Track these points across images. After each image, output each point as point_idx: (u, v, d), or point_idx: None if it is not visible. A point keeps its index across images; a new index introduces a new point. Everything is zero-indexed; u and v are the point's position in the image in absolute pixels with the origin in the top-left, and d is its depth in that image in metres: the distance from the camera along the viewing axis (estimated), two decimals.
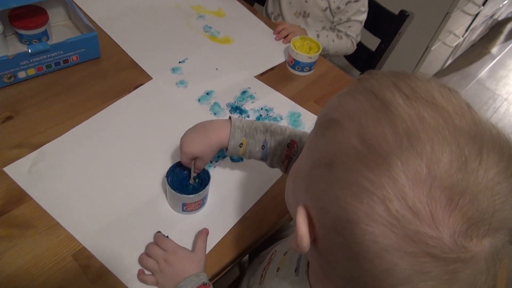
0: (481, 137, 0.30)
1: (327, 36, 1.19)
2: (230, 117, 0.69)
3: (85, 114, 0.85)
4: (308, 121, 0.93)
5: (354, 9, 1.18)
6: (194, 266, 0.63)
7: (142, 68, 0.97)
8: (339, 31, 1.22)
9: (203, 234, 0.68)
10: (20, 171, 0.73)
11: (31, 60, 0.86)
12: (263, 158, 0.71)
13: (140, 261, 0.65)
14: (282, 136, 0.68)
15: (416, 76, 0.34)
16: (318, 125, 0.39)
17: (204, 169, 0.71)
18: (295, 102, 0.97)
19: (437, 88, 0.32)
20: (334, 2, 1.18)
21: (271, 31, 1.17)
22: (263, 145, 0.68)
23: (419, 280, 0.29)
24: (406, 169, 0.29)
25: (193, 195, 0.67)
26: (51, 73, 0.91)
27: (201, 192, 0.68)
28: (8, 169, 0.73)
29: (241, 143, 0.67)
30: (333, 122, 0.35)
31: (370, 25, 1.26)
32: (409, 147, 0.29)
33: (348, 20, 1.20)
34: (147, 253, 0.65)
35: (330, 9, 1.20)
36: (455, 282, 0.29)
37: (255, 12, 1.23)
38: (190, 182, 0.71)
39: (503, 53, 2.74)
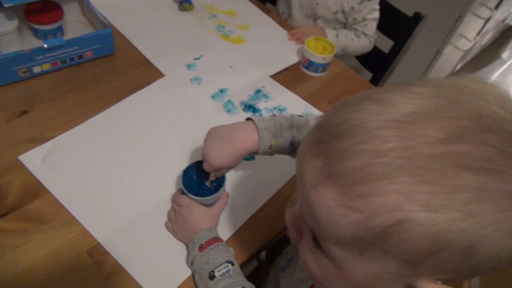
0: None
1: (345, 35, 1.18)
2: (249, 118, 0.66)
3: (99, 110, 0.85)
4: None
5: (368, 7, 1.17)
6: (205, 221, 0.66)
7: (155, 66, 0.97)
8: (356, 30, 1.21)
9: (223, 196, 0.71)
10: (34, 160, 0.74)
11: (46, 55, 0.86)
12: (291, 153, 0.70)
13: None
14: (307, 128, 0.67)
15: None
16: (367, 240, 0.32)
17: None
18: (309, 103, 0.97)
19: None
20: (347, 2, 1.17)
21: (284, 31, 1.17)
22: (291, 141, 0.67)
23: None
24: None
25: (207, 198, 0.67)
26: (66, 69, 0.91)
27: (215, 195, 0.67)
28: (22, 157, 0.74)
29: (271, 145, 0.66)
30: (389, 229, 0.31)
31: (383, 26, 1.26)
32: None
33: (364, 19, 1.19)
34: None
35: (343, 12, 1.20)
36: None
37: (267, 12, 1.23)
38: (207, 184, 0.70)
39: None
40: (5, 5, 0.81)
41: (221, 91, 0.94)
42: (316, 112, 0.95)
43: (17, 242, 0.63)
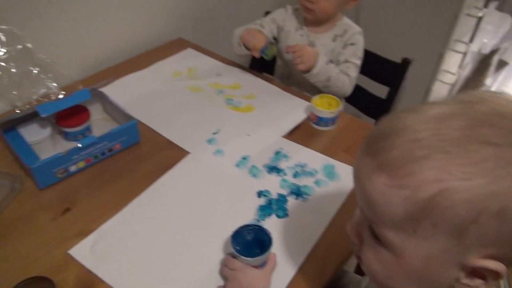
0: None
1: (334, 66, 1.24)
2: None
3: (135, 196, 0.90)
4: (342, 171, 0.98)
5: (351, 51, 1.26)
6: (260, 282, 0.69)
7: (180, 146, 1.04)
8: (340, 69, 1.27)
9: (272, 258, 0.74)
10: (83, 252, 0.78)
11: (81, 154, 0.93)
12: None
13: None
14: None
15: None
16: (417, 215, 0.40)
17: (265, 232, 0.73)
18: (326, 155, 1.03)
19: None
20: (334, 50, 1.27)
21: (287, 93, 1.26)
22: None
23: None
24: None
25: (259, 258, 0.69)
26: (98, 163, 0.98)
27: (265, 255, 0.70)
28: (72, 251, 0.77)
29: None
30: (433, 199, 0.39)
31: (376, 74, 1.37)
32: None
33: (346, 61, 1.26)
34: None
35: (331, 61, 1.27)
36: None
37: (269, 80, 1.34)
38: None
39: (496, 83, 2.86)
40: (43, 116, 0.90)
41: (244, 158, 1.01)
42: (335, 163, 1.00)
43: None
